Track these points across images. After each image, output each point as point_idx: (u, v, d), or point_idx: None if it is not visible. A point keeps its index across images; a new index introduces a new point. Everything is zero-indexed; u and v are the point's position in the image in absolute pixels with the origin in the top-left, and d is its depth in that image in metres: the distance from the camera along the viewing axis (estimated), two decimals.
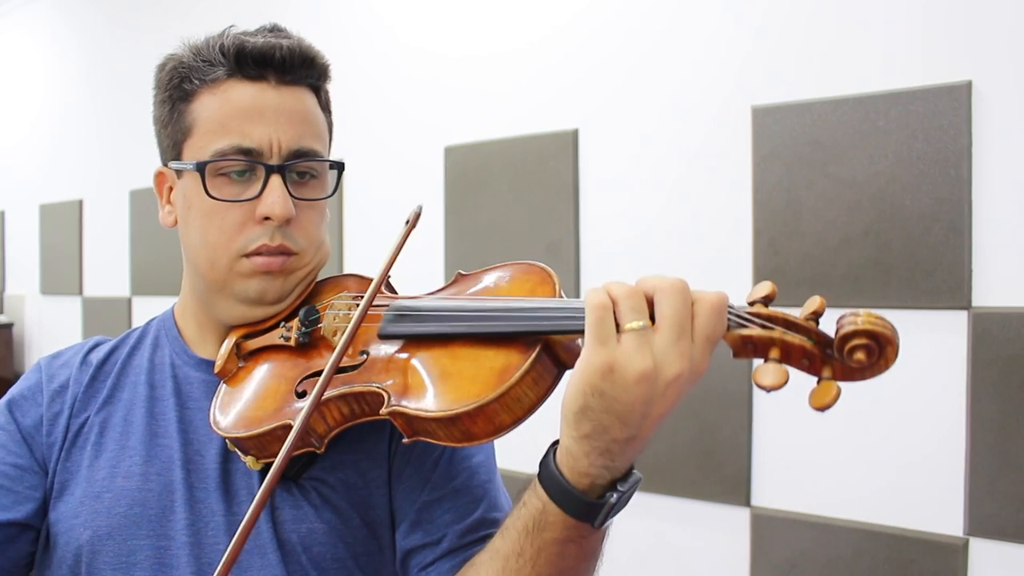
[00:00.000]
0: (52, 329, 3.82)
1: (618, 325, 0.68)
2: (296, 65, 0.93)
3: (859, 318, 0.65)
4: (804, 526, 1.76)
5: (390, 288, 0.95)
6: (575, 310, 0.73)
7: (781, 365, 0.66)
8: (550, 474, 0.72)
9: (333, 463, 0.91)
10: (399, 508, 0.92)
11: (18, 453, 0.94)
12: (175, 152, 0.95)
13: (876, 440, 1.67)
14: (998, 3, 1.57)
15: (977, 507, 1.58)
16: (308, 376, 0.88)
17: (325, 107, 0.99)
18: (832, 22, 1.74)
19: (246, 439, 0.86)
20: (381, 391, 0.80)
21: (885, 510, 1.68)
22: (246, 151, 0.90)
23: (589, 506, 0.71)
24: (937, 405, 1.61)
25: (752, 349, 0.68)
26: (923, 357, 1.62)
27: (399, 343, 0.84)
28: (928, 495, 1.63)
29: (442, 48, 2.39)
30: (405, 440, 0.79)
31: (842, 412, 0.74)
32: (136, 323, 3.29)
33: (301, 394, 0.87)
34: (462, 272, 0.90)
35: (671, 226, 1.96)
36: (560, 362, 0.76)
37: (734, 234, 1.85)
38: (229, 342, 0.95)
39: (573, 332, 0.73)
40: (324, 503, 0.90)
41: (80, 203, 3.63)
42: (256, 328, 0.95)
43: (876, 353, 0.64)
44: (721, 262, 1.87)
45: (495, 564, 0.77)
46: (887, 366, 0.65)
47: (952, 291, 1.60)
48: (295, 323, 0.92)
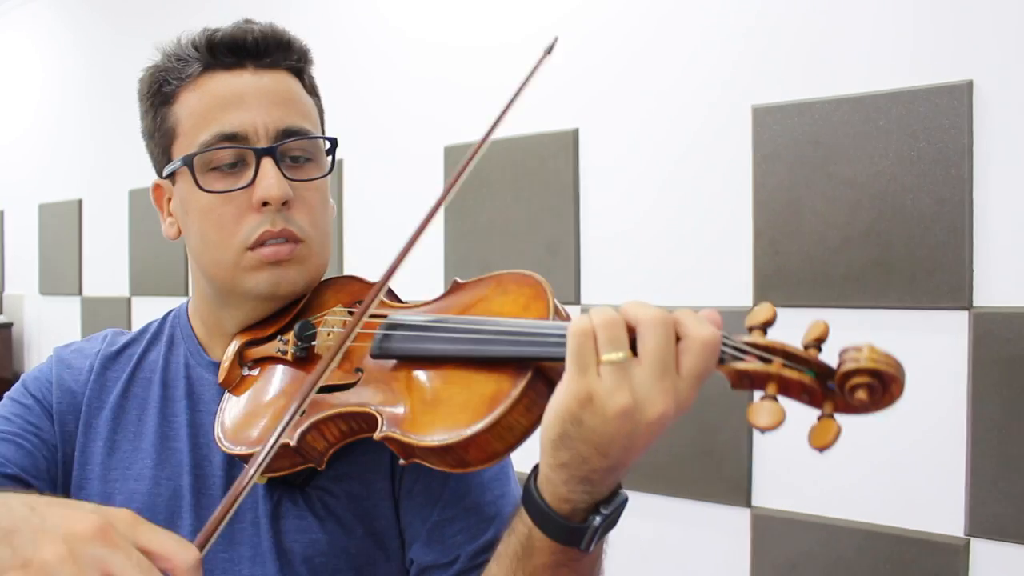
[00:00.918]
0: (51, 329, 3.82)
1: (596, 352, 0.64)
2: (271, 47, 0.91)
3: (861, 354, 0.61)
4: (804, 527, 1.76)
5: (391, 293, 0.93)
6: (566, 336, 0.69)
7: (778, 403, 0.63)
8: (531, 499, 0.70)
9: (338, 474, 0.90)
10: (410, 524, 0.91)
11: (38, 424, 0.94)
12: (165, 158, 0.94)
13: (877, 440, 1.66)
14: (999, 3, 1.56)
15: (978, 507, 1.57)
16: None
17: (311, 91, 0.96)
18: (832, 22, 1.74)
19: (250, 456, 0.86)
20: (374, 413, 0.79)
21: (886, 510, 1.67)
22: (230, 136, 0.88)
23: (572, 531, 0.68)
24: (938, 405, 1.61)
25: (749, 383, 0.65)
26: (924, 357, 1.62)
27: (393, 360, 0.83)
28: (929, 495, 1.63)
29: (442, 48, 2.39)
30: (402, 462, 0.77)
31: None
32: (136, 323, 3.29)
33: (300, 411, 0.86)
34: (458, 280, 0.88)
35: (671, 226, 1.96)
36: (554, 385, 0.73)
37: (734, 234, 1.84)
38: (231, 351, 0.94)
39: (563, 359, 0.70)
40: (328, 514, 0.90)
41: (79, 203, 3.62)
42: (258, 335, 0.95)
43: (879, 391, 0.61)
44: (721, 262, 1.86)
45: None
46: (892, 402, 0.62)
47: (953, 291, 1.59)
48: (291, 337, 0.91)
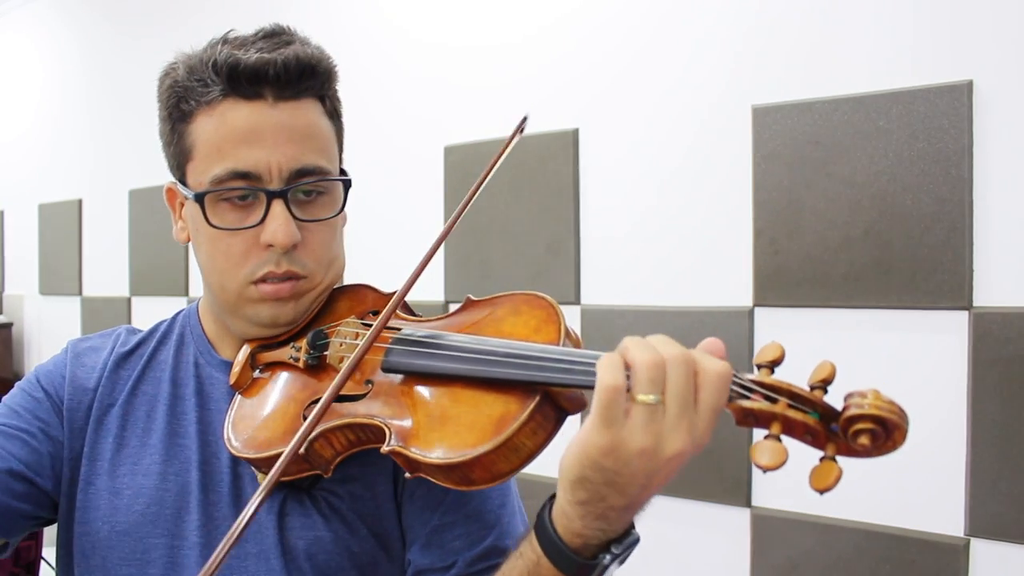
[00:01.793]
0: (51, 329, 3.82)
1: (629, 390, 0.65)
2: (294, 79, 0.89)
3: (866, 400, 0.62)
4: (804, 526, 1.76)
5: (405, 306, 0.94)
6: (581, 364, 0.71)
7: (781, 443, 0.64)
8: (544, 529, 0.72)
9: (343, 476, 0.91)
10: (411, 526, 0.92)
11: (47, 419, 0.95)
12: (179, 173, 0.94)
13: None
14: (999, 3, 1.56)
15: (978, 507, 1.57)
16: (315, 401, 0.88)
17: (332, 114, 0.96)
18: (832, 22, 1.74)
19: (258, 460, 0.88)
20: (383, 426, 0.80)
21: (885, 510, 1.67)
22: (243, 175, 0.88)
23: (581, 566, 0.70)
24: (938, 405, 1.61)
25: (753, 421, 0.67)
26: (924, 357, 1.62)
27: (403, 375, 0.84)
28: (929, 495, 1.63)
29: (442, 48, 2.39)
30: (408, 476, 0.78)
31: None
32: (135, 323, 3.29)
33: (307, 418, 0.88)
34: (471, 297, 0.90)
35: (671, 226, 1.96)
36: (561, 409, 0.75)
37: (734, 234, 1.84)
38: (243, 354, 0.95)
39: (574, 387, 0.72)
40: (333, 513, 0.91)
41: (79, 203, 3.62)
42: (270, 340, 0.96)
43: (882, 437, 0.62)
44: (721, 262, 1.86)
45: None
46: (894, 448, 0.62)
47: (953, 291, 1.59)
48: (304, 345, 0.92)
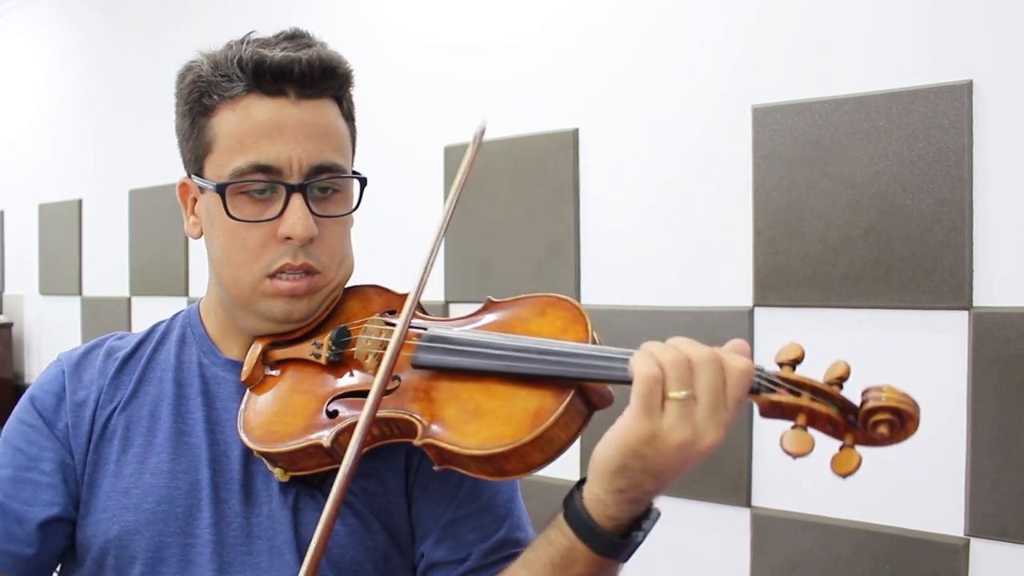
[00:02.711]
0: (51, 329, 3.82)
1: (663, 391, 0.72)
2: (316, 78, 0.92)
3: (883, 394, 0.69)
4: (804, 526, 1.76)
5: (420, 308, 0.95)
6: (613, 360, 0.76)
7: (807, 432, 0.71)
8: (577, 516, 0.77)
9: (356, 472, 0.91)
10: (422, 521, 0.94)
11: (52, 448, 0.95)
12: (197, 167, 0.95)
13: None
14: (999, 3, 1.56)
15: (978, 507, 1.57)
16: (339, 396, 0.89)
17: (348, 115, 0.99)
18: (832, 22, 1.74)
19: (276, 454, 0.88)
20: (413, 419, 0.81)
21: (885, 510, 1.67)
22: (264, 168, 0.90)
23: (617, 545, 0.76)
24: (938, 405, 1.61)
25: (780, 413, 0.73)
26: (924, 357, 1.62)
27: (432, 371, 0.85)
28: (929, 495, 1.63)
29: (442, 48, 2.39)
30: (436, 468, 0.82)
31: None
32: (135, 323, 3.30)
33: (332, 413, 0.88)
34: (492, 299, 0.91)
35: (671, 226, 1.96)
36: (591, 404, 0.80)
37: (734, 234, 1.84)
38: (255, 350, 0.95)
39: (608, 381, 0.77)
40: (347, 508, 0.91)
41: (79, 203, 3.62)
42: (284, 336, 0.96)
43: (898, 427, 0.69)
44: (721, 262, 1.86)
45: None
46: (907, 437, 0.70)
47: (953, 291, 1.59)
48: (326, 341, 0.93)
